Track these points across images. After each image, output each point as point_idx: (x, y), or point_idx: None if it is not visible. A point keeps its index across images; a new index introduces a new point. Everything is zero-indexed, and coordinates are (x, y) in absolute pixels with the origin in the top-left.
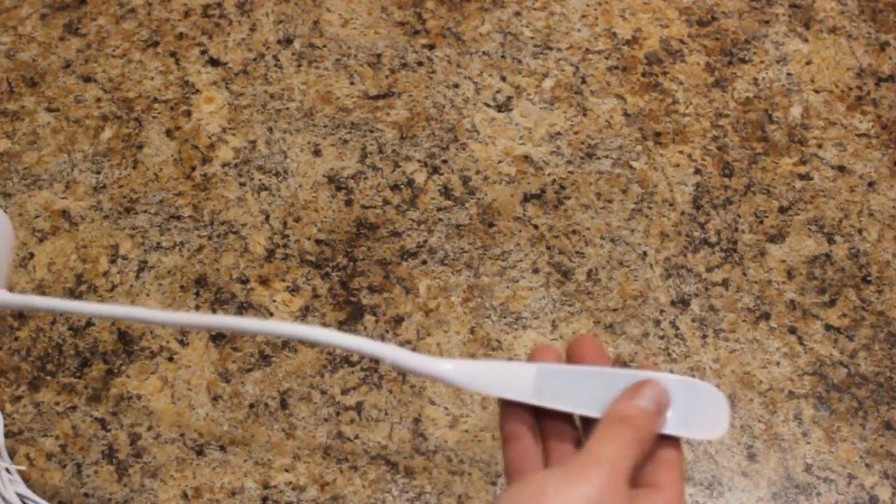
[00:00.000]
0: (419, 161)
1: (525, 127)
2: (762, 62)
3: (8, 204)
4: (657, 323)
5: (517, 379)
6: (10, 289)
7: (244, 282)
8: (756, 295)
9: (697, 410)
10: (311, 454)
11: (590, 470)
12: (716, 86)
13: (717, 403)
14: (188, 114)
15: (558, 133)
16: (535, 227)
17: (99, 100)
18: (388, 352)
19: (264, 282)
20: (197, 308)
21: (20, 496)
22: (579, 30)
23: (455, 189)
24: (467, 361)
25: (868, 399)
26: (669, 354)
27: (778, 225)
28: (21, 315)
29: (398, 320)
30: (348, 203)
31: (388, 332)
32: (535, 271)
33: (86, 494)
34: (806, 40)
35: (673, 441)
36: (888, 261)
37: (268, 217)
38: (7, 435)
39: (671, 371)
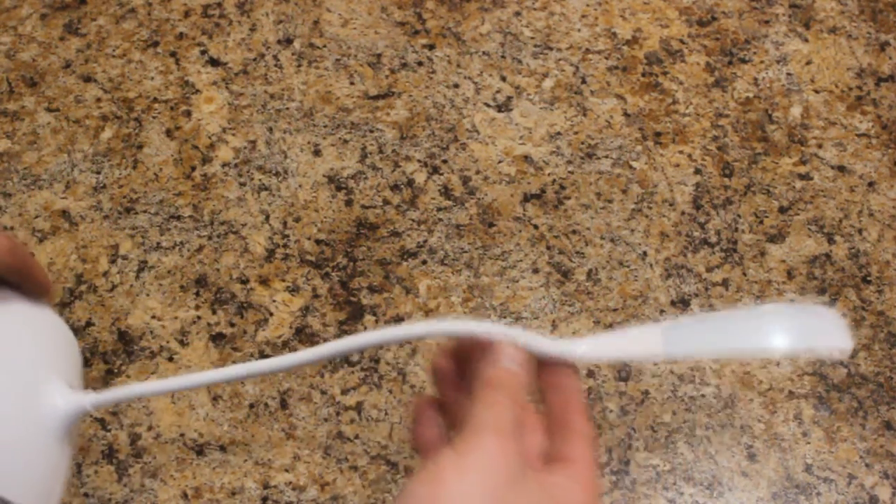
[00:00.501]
0: (419, 161)
1: (525, 127)
2: (762, 62)
3: (8, 204)
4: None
5: (646, 340)
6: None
7: (244, 282)
8: (756, 295)
9: (820, 329)
10: (311, 454)
11: (476, 439)
12: (716, 86)
13: (836, 323)
14: (188, 114)
15: (558, 133)
16: (535, 227)
17: (99, 100)
18: (521, 336)
19: (264, 282)
20: (197, 308)
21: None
22: (579, 30)
23: (455, 189)
24: (595, 337)
25: (868, 399)
26: None
27: (778, 225)
28: None
29: (398, 320)
30: (348, 203)
31: None
32: (535, 271)
33: (86, 494)
34: (806, 40)
35: (580, 413)
36: (888, 261)
37: (268, 217)
38: None
39: (671, 371)
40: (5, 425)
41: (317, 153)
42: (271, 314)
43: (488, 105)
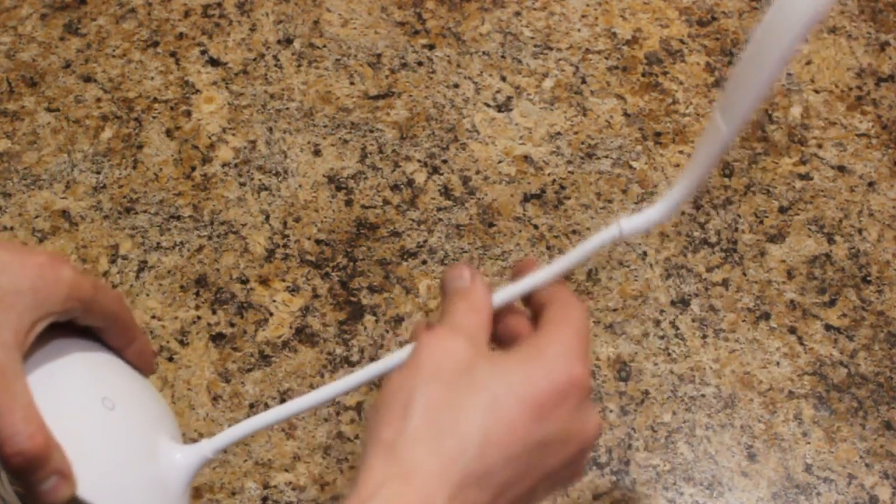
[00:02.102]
0: (419, 161)
1: (525, 127)
2: None
3: (8, 204)
4: (657, 323)
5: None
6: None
7: (244, 282)
8: (756, 295)
9: None
10: (311, 454)
11: (425, 337)
12: (716, 86)
13: None
14: (188, 114)
15: (558, 133)
16: (535, 227)
17: (99, 100)
18: (616, 229)
19: (264, 282)
20: (197, 308)
21: (20, 496)
22: (579, 30)
23: (455, 189)
24: (667, 197)
25: (868, 399)
26: (669, 354)
27: (778, 225)
28: None
29: (398, 320)
30: (348, 203)
31: (388, 331)
32: None
33: None
34: (806, 40)
35: (561, 290)
36: (888, 261)
37: (268, 217)
38: None
39: (671, 371)
40: (138, 493)
41: (317, 153)
42: (271, 314)
43: (488, 105)
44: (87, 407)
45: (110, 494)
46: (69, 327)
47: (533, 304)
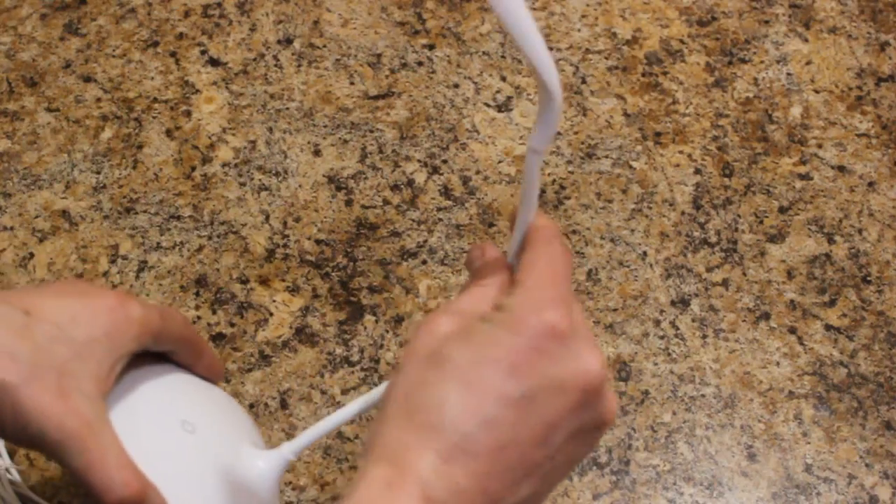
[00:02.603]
0: (419, 161)
1: (525, 127)
2: (762, 62)
3: (8, 204)
4: (657, 323)
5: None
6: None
7: (244, 282)
8: (756, 295)
9: None
10: (311, 454)
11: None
12: (716, 86)
13: None
14: (188, 114)
15: (558, 133)
16: None
17: (99, 100)
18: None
19: (264, 282)
20: (197, 308)
21: (20, 496)
22: (579, 30)
23: (455, 189)
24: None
25: (868, 399)
26: (669, 354)
27: (778, 225)
28: None
29: (398, 320)
30: (348, 203)
31: (388, 331)
32: None
33: (86, 494)
34: (806, 40)
35: (536, 232)
36: (888, 261)
37: (268, 217)
38: None
39: (671, 371)
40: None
41: (317, 153)
42: (271, 314)
43: (488, 105)
44: (169, 435)
45: None
46: (139, 354)
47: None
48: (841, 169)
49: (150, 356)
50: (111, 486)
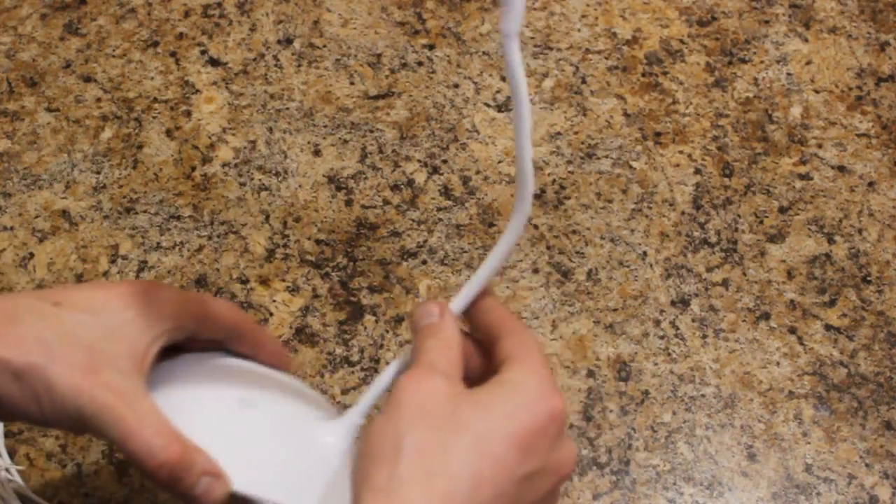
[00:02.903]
0: (419, 161)
1: None
2: (762, 62)
3: (8, 204)
4: (657, 323)
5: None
6: None
7: (244, 282)
8: (756, 295)
9: None
10: None
11: (405, 381)
12: (716, 86)
13: None
14: (188, 114)
15: (558, 133)
16: (535, 227)
17: (99, 100)
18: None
19: (264, 282)
20: None
21: (20, 496)
22: (579, 30)
23: (455, 189)
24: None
25: (868, 399)
26: (669, 354)
27: (778, 225)
28: None
29: (398, 320)
30: (348, 203)
31: (388, 331)
32: (535, 271)
33: (86, 494)
34: (806, 40)
35: (511, 318)
36: (888, 261)
37: (268, 217)
38: (7, 435)
39: (671, 371)
40: (297, 474)
41: (317, 153)
42: (271, 314)
43: (488, 105)
44: (225, 410)
45: (267, 483)
46: (197, 347)
47: (481, 330)
48: (841, 169)
49: (209, 349)
50: (151, 452)
